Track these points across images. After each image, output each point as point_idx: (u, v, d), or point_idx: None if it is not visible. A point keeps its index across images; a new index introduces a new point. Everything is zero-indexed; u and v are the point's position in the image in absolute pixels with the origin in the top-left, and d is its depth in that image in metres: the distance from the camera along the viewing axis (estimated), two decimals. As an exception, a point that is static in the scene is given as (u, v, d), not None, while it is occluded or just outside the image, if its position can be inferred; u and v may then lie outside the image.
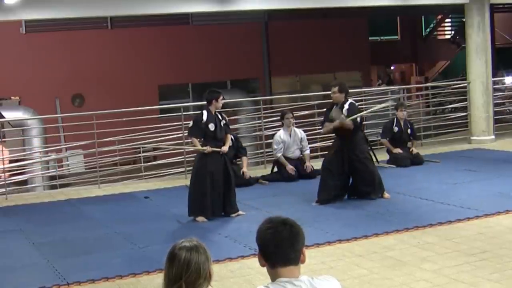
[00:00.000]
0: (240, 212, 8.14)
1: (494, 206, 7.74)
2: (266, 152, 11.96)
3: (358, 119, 8.49)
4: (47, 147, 15.20)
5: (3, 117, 14.44)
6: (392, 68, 28.70)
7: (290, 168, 10.25)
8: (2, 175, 11.27)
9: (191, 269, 2.71)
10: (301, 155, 10.53)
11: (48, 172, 14.13)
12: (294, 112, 11.14)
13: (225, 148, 8.14)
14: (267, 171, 10.87)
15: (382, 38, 27.02)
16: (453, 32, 27.87)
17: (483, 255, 6.05)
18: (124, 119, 11.64)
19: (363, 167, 8.50)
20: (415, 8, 20.96)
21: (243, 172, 10.07)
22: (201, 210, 7.97)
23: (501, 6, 23.57)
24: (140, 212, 8.83)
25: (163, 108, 15.13)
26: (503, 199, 8.20)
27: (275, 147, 10.39)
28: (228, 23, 19.43)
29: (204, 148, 8.04)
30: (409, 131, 11.25)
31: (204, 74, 19.22)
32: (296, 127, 10.77)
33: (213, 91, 8.28)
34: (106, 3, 11.01)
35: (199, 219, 7.95)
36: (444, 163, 10.97)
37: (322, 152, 11.83)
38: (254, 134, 13.43)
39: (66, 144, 15.12)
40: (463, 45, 17.47)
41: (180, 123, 11.60)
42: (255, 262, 3.90)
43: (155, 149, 13.29)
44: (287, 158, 10.38)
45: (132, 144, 12.76)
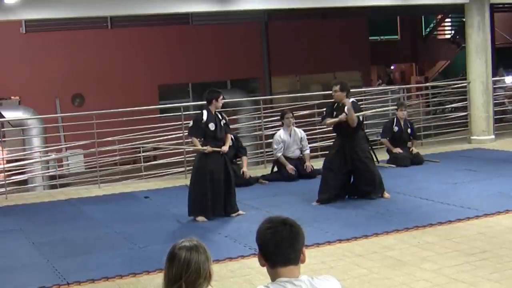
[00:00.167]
0: (240, 212, 8.15)
1: (494, 206, 7.74)
2: (266, 152, 11.96)
3: (360, 117, 8.50)
4: (47, 147, 15.19)
5: (3, 117, 14.43)
6: (392, 68, 28.67)
7: (290, 168, 10.25)
8: (1, 175, 11.27)
9: (191, 269, 2.71)
10: (301, 155, 10.54)
11: (48, 172, 14.13)
12: (294, 112, 11.14)
13: (225, 148, 8.14)
14: (267, 171, 10.88)
15: (382, 38, 26.98)
16: (453, 32, 27.85)
17: (483, 255, 6.05)
18: (124, 119, 11.64)
19: (364, 167, 8.49)
20: (415, 8, 20.96)
21: (243, 172, 10.07)
22: (201, 210, 7.98)
23: (501, 6, 23.56)
24: (140, 212, 8.83)
25: (163, 108, 15.13)
26: (503, 199, 8.21)
27: (275, 146, 10.39)
28: (228, 23, 19.41)
29: (204, 148, 8.04)
30: (409, 130, 11.25)
31: (204, 74, 19.20)
32: (296, 127, 10.77)
33: (213, 91, 8.28)
34: (106, 3, 11.01)
35: (199, 219, 7.95)
36: (444, 163, 10.97)
37: (322, 152, 11.83)
38: (254, 134, 13.43)
39: (66, 144, 15.12)
40: (463, 45, 17.46)
41: (180, 123, 11.60)
42: (255, 262, 3.90)
43: (155, 149, 13.29)
44: (287, 158, 10.38)
45: (132, 144, 12.76)
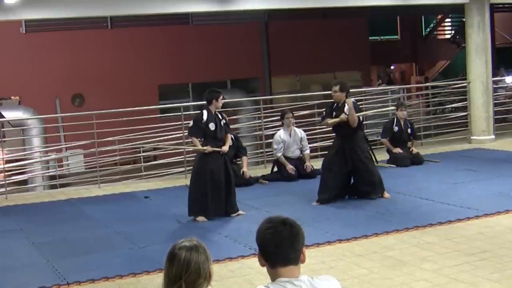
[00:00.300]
0: (240, 212, 8.14)
1: (494, 206, 7.74)
2: (266, 152, 11.96)
3: (360, 118, 8.50)
4: (47, 147, 15.18)
5: (3, 117, 14.43)
6: (392, 68, 28.67)
7: (290, 168, 10.25)
8: (1, 175, 11.27)
9: (191, 269, 2.71)
10: (301, 155, 10.53)
11: (48, 172, 14.14)
12: (294, 112, 11.13)
13: (225, 147, 8.14)
14: (267, 171, 10.87)
15: (382, 38, 26.97)
16: (453, 32, 27.84)
17: (483, 255, 6.05)
18: (124, 119, 11.64)
19: (364, 167, 8.49)
20: (415, 8, 20.95)
21: (243, 172, 10.07)
22: (201, 210, 7.98)
23: (501, 6, 23.55)
24: (140, 212, 8.83)
25: (163, 108, 15.13)
26: (503, 199, 8.20)
27: (275, 146, 10.39)
28: (228, 23, 19.41)
29: (205, 148, 8.04)
30: (409, 130, 11.25)
31: (204, 74, 19.20)
32: (296, 127, 10.77)
33: (213, 90, 8.28)
34: (106, 3, 11.01)
35: (199, 219, 7.95)
36: (444, 163, 10.97)
37: (322, 152, 11.83)
38: (254, 134, 13.43)
39: (66, 144, 15.12)
40: (463, 45, 17.46)
41: (180, 123, 11.60)
42: (255, 262, 3.89)
43: (155, 149, 13.29)
44: (287, 158, 10.38)
45: (132, 144, 12.76)
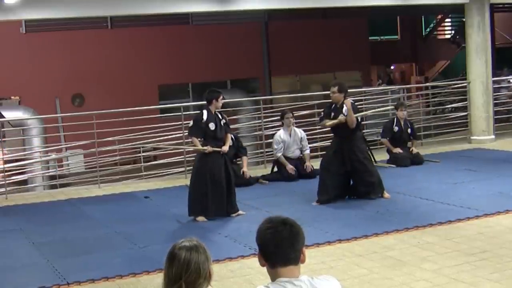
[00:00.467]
0: (240, 212, 8.14)
1: (494, 206, 7.73)
2: (266, 152, 11.96)
3: (358, 118, 8.50)
4: (47, 147, 15.19)
5: (3, 117, 14.43)
6: (392, 68, 28.67)
7: (290, 168, 10.25)
8: (1, 175, 11.27)
9: (191, 269, 2.71)
10: (301, 155, 10.53)
11: (48, 172, 14.14)
12: (294, 112, 11.13)
13: (225, 147, 8.14)
14: (267, 171, 10.87)
15: (382, 38, 26.98)
16: (453, 32, 27.85)
17: (483, 255, 6.05)
18: (124, 119, 11.64)
19: (363, 167, 8.49)
20: (415, 8, 20.95)
21: (243, 172, 10.07)
22: (201, 210, 7.98)
23: (501, 6, 23.55)
24: (140, 212, 8.83)
25: (163, 108, 15.13)
26: (503, 199, 8.20)
27: (275, 147, 10.39)
28: (228, 23, 19.41)
29: (205, 148, 8.03)
30: (409, 130, 11.25)
31: (204, 74, 19.20)
32: (296, 127, 10.77)
33: (213, 90, 8.28)
34: (106, 3, 11.01)
35: (199, 219, 7.95)
36: (444, 163, 10.97)
37: (322, 152, 11.81)
38: (254, 134, 13.43)
39: (66, 144, 15.12)
40: (463, 45, 17.46)
41: (180, 123, 11.60)
42: (255, 262, 3.90)
43: (155, 149, 13.29)
44: (287, 158, 10.38)
45: (132, 144, 12.76)
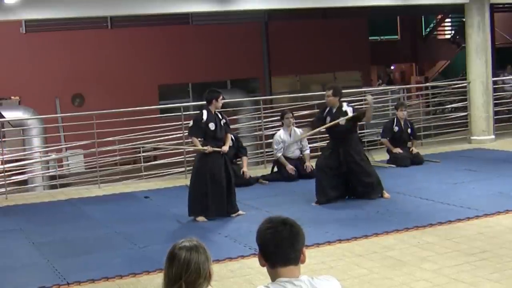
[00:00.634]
0: (240, 212, 8.14)
1: (494, 206, 7.74)
2: (266, 152, 11.96)
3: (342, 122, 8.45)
4: (47, 147, 15.19)
5: (3, 117, 14.43)
6: (392, 68, 28.67)
7: (290, 168, 10.25)
8: (1, 175, 11.26)
9: (191, 269, 2.71)
10: (301, 155, 10.54)
11: (48, 172, 14.13)
12: (294, 112, 11.14)
13: (225, 147, 8.13)
14: (267, 171, 10.88)
15: (382, 38, 26.97)
16: (453, 32, 27.84)
17: (483, 255, 6.05)
18: (124, 119, 11.64)
19: (360, 169, 8.48)
20: (415, 8, 20.94)
21: (243, 172, 10.07)
22: (201, 210, 7.98)
23: (501, 6, 23.55)
24: (140, 212, 8.83)
25: (163, 108, 15.13)
26: (503, 199, 8.20)
27: (275, 147, 10.39)
28: (228, 23, 19.41)
29: (205, 148, 8.03)
30: (409, 130, 11.25)
31: (204, 74, 19.20)
32: (296, 127, 10.77)
33: (213, 90, 8.28)
34: (106, 3, 11.01)
35: (199, 219, 7.95)
36: (444, 163, 10.97)
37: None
38: (254, 134, 13.43)
39: (66, 144, 15.11)
40: (463, 45, 17.46)
41: (180, 123, 11.60)
42: (255, 262, 3.90)
43: (155, 149, 13.29)
44: (287, 158, 10.38)
45: (132, 144, 12.76)
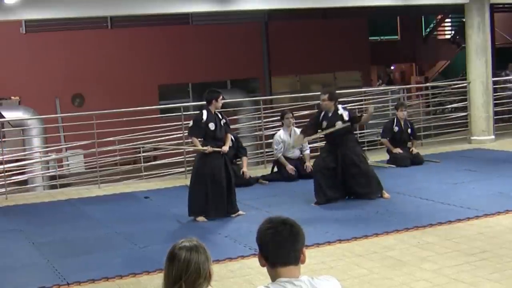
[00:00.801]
0: (240, 212, 8.14)
1: (494, 206, 7.74)
2: (266, 152, 11.96)
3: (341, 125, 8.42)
4: (47, 147, 15.19)
5: (3, 117, 14.43)
6: (392, 68, 28.66)
7: (290, 168, 10.25)
8: (1, 175, 11.26)
9: (191, 269, 2.71)
10: (301, 155, 10.54)
11: (48, 172, 14.13)
12: (294, 112, 11.14)
13: (225, 148, 8.13)
14: (267, 171, 10.87)
15: (382, 38, 26.96)
16: (453, 32, 27.84)
17: (483, 255, 6.05)
18: (124, 119, 11.64)
19: (358, 170, 8.47)
20: (415, 8, 20.95)
21: (243, 172, 10.07)
22: (201, 210, 7.98)
23: (501, 6, 23.55)
24: (140, 212, 8.83)
25: (163, 108, 15.13)
26: (503, 199, 8.20)
27: (275, 147, 10.39)
28: (228, 23, 19.41)
29: (205, 148, 8.03)
30: (409, 131, 11.25)
31: (204, 74, 19.20)
32: (296, 127, 10.76)
33: (213, 91, 8.28)
34: (106, 3, 11.01)
35: (199, 219, 7.95)
36: (444, 163, 10.97)
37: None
38: (254, 134, 13.43)
39: (66, 144, 15.11)
40: (463, 45, 17.46)
41: (180, 123, 11.60)
42: (255, 262, 3.90)
43: (155, 149, 13.29)
44: (287, 158, 10.38)
45: (132, 144, 12.76)
